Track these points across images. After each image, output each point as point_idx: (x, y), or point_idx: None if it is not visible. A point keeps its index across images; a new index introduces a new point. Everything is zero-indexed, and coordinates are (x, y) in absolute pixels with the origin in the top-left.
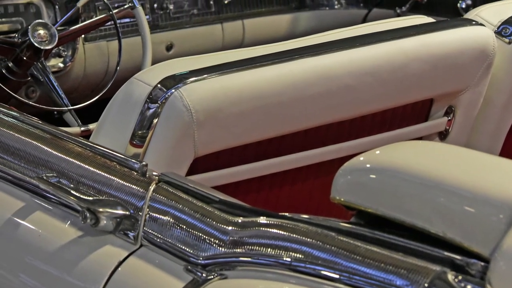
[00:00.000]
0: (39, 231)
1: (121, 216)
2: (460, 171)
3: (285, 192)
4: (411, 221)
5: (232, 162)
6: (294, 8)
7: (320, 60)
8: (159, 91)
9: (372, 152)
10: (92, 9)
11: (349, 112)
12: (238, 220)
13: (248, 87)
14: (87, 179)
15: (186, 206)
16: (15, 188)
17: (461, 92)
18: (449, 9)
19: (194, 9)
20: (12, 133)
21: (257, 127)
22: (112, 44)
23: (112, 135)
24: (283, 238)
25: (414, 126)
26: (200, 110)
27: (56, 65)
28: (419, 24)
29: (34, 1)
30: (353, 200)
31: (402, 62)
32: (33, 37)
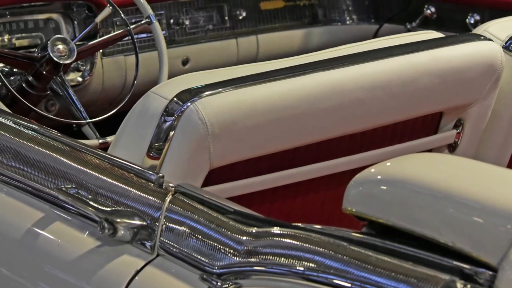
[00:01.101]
0: (58, 241)
1: (138, 226)
2: (469, 182)
3: (298, 203)
4: (421, 231)
5: (246, 173)
6: (307, 23)
7: (332, 74)
8: (175, 104)
9: (383, 164)
10: (110, 24)
11: (360, 125)
12: (252, 230)
13: (262, 100)
14: (105, 190)
15: (201, 216)
16: (35, 199)
17: (469, 105)
18: (458, 24)
19: (209, 25)
20: (32, 146)
21: (271, 140)
22: (129, 58)
23: (130, 148)
24: (296, 248)
25: (424, 138)
26: (215, 123)
27: (75, 79)
28: (429, 39)
29: (54, 17)
30: (364, 211)
31: (412, 76)
32: (52, 52)
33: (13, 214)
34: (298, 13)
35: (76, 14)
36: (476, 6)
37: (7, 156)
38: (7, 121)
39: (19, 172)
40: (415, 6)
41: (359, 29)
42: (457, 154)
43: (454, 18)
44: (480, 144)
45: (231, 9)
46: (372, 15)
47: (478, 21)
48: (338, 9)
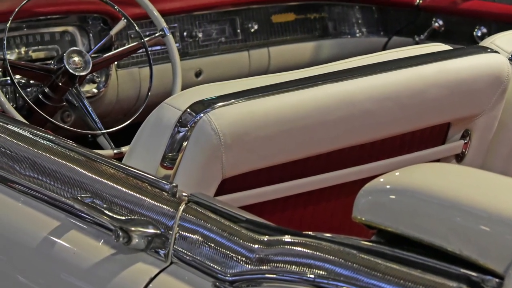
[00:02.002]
0: (74, 249)
1: (152, 235)
2: (476, 192)
3: (309, 211)
4: (429, 239)
5: (258, 183)
6: (318, 36)
7: (342, 86)
8: (188, 115)
9: (392, 174)
10: (124, 37)
11: (370, 136)
12: (264, 238)
13: (274, 111)
14: (120, 199)
15: (214, 225)
16: (51, 208)
17: (477, 116)
18: (465, 37)
19: (222, 37)
20: (49, 156)
21: (282, 150)
22: (143, 70)
23: (144, 158)
24: (307, 256)
25: (432, 149)
26: (228, 133)
27: (90, 91)
28: (436, 52)
29: (69, 30)
30: (373, 220)
31: (421, 88)
32: (68, 64)
33: (29, 222)
34: (308, 26)
35: (91, 27)
36: (483, 19)
37: (24, 166)
38: (24, 132)
39: (36, 181)
40: (423, 19)
41: (368, 42)
42: (465, 164)
43: (461, 30)
44: (487, 154)
45: (243, 22)
46: (381, 28)
47: (485, 34)
48: (348, 22)
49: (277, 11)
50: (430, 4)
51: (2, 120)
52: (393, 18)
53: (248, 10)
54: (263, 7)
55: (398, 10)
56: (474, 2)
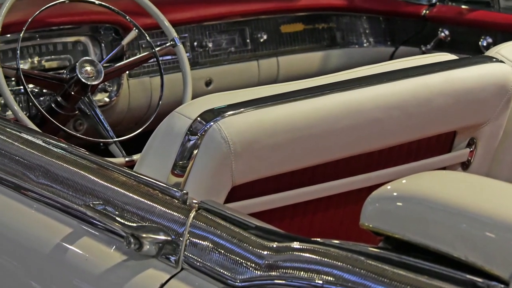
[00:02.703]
0: (86, 255)
1: (163, 241)
2: (482, 199)
3: (317, 218)
4: (435, 246)
5: (267, 190)
6: (326, 46)
7: (350, 95)
8: (199, 124)
9: (399, 181)
10: (136, 47)
11: (377, 144)
12: (273, 245)
13: (283, 120)
14: (131, 206)
15: (224, 232)
16: (63, 215)
17: (482, 125)
18: (471, 47)
19: (231, 47)
20: (61, 164)
21: (291, 158)
22: (154, 80)
23: (155, 165)
24: (316, 262)
25: (438, 157)
26: (238, 141)
27: (102, 100)
28: (443, 61)
29: (82, 40)
30: (381, 226)
31: (427, 97)
32: (80, 73)
33: (42, 229)
34: (317, 36)
35: (103, 37)
36: (488, 29)
37: (37, 174)
38: (37, 140)
39: (49, 189)
40: (430, 29)
41: (375, 52)
42: (470, 171)
43: (467, 40)
44: (493, 162)
45: (253, 32)
46: (388, 38)
47: (491, 44)
48: (356, 32)
49: (286, 22)
50: (437, 15)
51: (15, 128)
52: (400, 28)
53: (258, 20)
54: (272, 18)
55: (405, 20)
56: (479, 13)
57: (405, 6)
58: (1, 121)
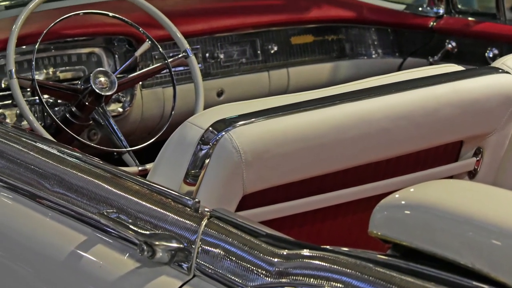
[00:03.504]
0: (100, 263)
1: (176, 249)
2: (488, 207)
3: (326, 226)
4: (442, 253)
5: (278, 199)
6: (335, 57)
7: (358, 105)
8: (210, 133)
9: (407, 190)
10: (149, 58)
11: (385, 153)
12: (283, 252)
13: (293, 130)
14: (144, 214)
15: (235, 239)
16: (78, 223)
17: (488, 134)
18: (478, 58)
19: (243, 58)
20: (76, 173)
21: (301, 167)
22: (167, 90)
23: (167, 174)
24: (325, 269)
25: (445, 166)
26: (248, 151)
27: (116, 110)
28: (450, 72)
29: (96, 51)
30: (389, 234)
31: (434, 107)
32: (94, 84)
33: (57, 237)
34: (326, 48)
35: (117, 48)
36: (494, 40)
37: (52, 183)
38: (51, 149)
39: (63, 197)
40: (437, 41)
41: (384, 63)
42: (477, 180)
43: (474, 52)
44: (499, 171)
45: (263, 44)
46: (396, 49)
47: (497, 55)
48: (364, 43)
49: (296, 33)
50: (444, 27)
51: (31, 138)
52: (408, 40)
53: (268, 32)
54: (283, 29)
55: (412, 32)
56: (486, 25)
57: (413, 18)
58: (17, 131)
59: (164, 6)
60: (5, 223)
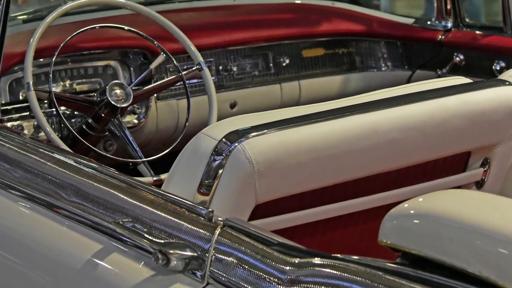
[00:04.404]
0: (115, 271)
1: (190, 257)
2: (495, 216)
3: (337, 235)
4: (451, 261)
5: (289, 208)
6: (346, 70)
7: (369, 117)
8: (224, 144)
9: (416, 200)
10: (163, 70)
11: (395, 163)
12: (295, 260)
13: (304, 141)
14: (159, 223)
15: (248, 248)
16: (94, 232)
17: (495, 145)
18: (485, 70)
19: (255, 71)
20: (92, 183)
21: (312, 177)
22: (181, 102)
23: (182, 184)
24: (336, 277)
25: (453, 176)
26: (261, 161)
27: (131, 121)
28: (458, 84)
29: (111, 64)
30: (398, 243)
31: (443, 119)
32: (110, 96)
33: (74, 245)
34: (337, 60)
35: (132, 61)
36: (501, 54)
37: (68, 192)
38: (68, 160)
39: (80, 207)
40: (445, 54)
41: (393, 75)
42: (484, 190)
43: (481, 65)
44: (505, 181)
45: (275, 57)
46: (405, 62)
47: (504, 68)
48: (374, 56)
49: (308, 46)
50: (452, 40)
51: (48, 149)
52: (417, 53)
53: (280, 45)
54: (294, 43)
55: (421, 45)
56: (493, 38)
57: (421, 31)
58: (35, 142)
59: (179, 20)
60: (23, 232)
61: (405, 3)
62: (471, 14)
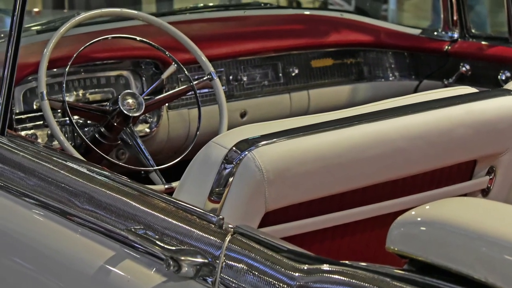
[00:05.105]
0: (128, 277)
1: (201, 264)
2: (501, 224)
3: (345, 242)
4: (457, 268)
5: (298, 215)
6: (354, 79)
7: (376, 126)
8: (234, 153)
9: (423, 207)
10: (175, 80)
11: (402, 172)
12: (304, 267)
13: (313, 149)
14: (171, 231)
15: (258, 255)
16: (107, 239)
17: (501, 154)
18: (490, 80)
19: (265, 81)
20: (104, 190)
21: (321, 185)
22: (192, 111)
23: (193, 192)
24: (344, 283)
25: (459, 184)
26: (271, 170)
27: (143, 130)
28: (464, 94)
29: (124, 74)
30: (405, 250)
31: (449, 128)
32: (122, 106)
33: (87, 252)
34: (345, 70)
35: (144, 71)
36: (507, 64)
37: (81, 200)
38: (81, 168)
39: (93, 214)
40: (452, 64)
41: (400, 85)
42: (490, 198)
43: (487, 75)
44: (511, 189)
45: (285, 67)
46: (412, 72)
47: (509, 78)
48: (382, 66)
49: (316, 57)
50: (458, 50)
51: (61, 157)
52: (424, 63)
53: (289, 55)
54: (303, 53)
55: (428, 55)
56: (498, 48)
57: (428, 42)
58: (48, 151)
59: (190, 31)
60: (37, 239)
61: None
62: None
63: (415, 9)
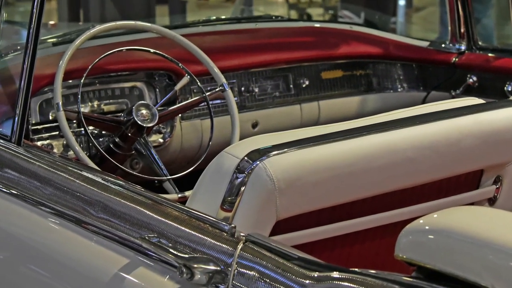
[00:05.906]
0: (142, 284)
1: (213, 271)
2: (507, 232)
3: (355, 250)
4: (464, 275)
5: (309, 224)
6: (363, 91)
7: (385, 136)
8: (246, 163)
9: (431, 216)
10: (188, 92)
11: (410, 181)
12: (314, 274)
13: (323, 159)
14: (184, 239)
15: (269, 262)
16: (121, 247)
17: (507, 163)
18: (497, 91)
19: (276, 92)
20: (119, 200)
21: (331, 194)
22: (205, 122)
23: (205, 201)
24: None
25: (467, 193)
26: (282, 179)
27: (157, 141)
28: (471, 105)
29: (138, 85)
30: (414, 257)
31: (457, 138)
32: (136, 116)
33: (102, 260)
34: (355, 82)
35: (157, 83)
36: None
37: (96, 209)
38: (96, 178)
39: (107, 223)
40: (459, 75)
41: (409, 96)
42: (496, 207)
43: (494, 86)
44: None
45: (296, 78)
46: (420, 84)
47: None
48: (391, 78)
49: (326, 68)
50: (465, 62)
51: (76, 167)
52: (432, 75)
53: (300, 67)
54: (314, 65)
55: (436, 67)
56: (505, 60)
57: (436, 54)
58: (64, 160)
59: (202, 43)
60: (52, 247)
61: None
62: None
63: (423, 21)
